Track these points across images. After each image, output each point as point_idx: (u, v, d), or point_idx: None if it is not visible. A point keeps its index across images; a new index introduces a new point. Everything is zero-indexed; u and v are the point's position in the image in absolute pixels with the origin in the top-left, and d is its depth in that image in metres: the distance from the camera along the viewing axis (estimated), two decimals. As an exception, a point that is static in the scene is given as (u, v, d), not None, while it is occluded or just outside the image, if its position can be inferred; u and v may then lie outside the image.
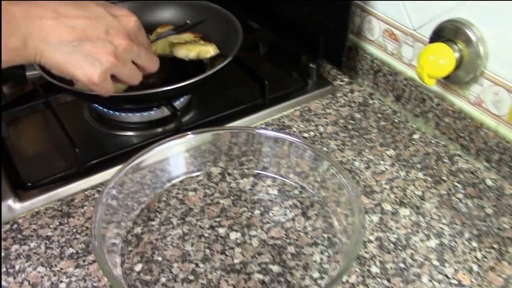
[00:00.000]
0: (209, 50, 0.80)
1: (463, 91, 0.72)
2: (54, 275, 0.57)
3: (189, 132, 0.66)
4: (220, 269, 0.58)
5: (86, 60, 0.57)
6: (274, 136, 0.68)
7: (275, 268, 0.58)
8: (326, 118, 0.80)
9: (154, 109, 0.75)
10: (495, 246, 0.60)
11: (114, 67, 0.59)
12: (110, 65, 0.59)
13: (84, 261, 0.59)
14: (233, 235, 0.62)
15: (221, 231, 0.62)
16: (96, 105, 0.77)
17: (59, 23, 0.56)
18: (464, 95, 0.72)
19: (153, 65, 0.66)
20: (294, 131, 0.77)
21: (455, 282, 0.57)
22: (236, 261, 0.59)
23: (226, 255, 0.59)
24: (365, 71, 0.85)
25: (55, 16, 0.56)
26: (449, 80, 0.72)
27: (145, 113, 0.75)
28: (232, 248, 0.60)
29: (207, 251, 0.60)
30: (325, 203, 0.65)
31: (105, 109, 0.76)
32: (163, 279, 0.57)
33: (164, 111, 0.76)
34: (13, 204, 0.64)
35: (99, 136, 0.76)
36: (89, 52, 0.57)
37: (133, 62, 0.63)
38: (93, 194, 0.67)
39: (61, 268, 0.58)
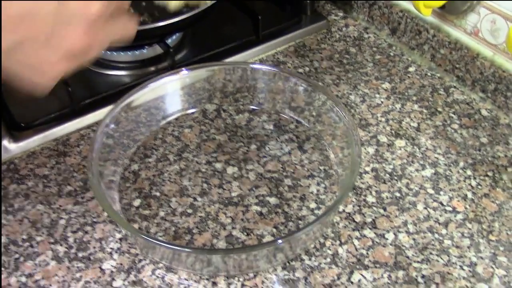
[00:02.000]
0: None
1: (459, 21, 0.70)
2: (54, 212, 0.58)
3: (183, 68, 0.65)
4: (218, 202, 0.58)
5: (26, 69, 0.40)
6: (269, 71, 0.67)
7: (272, 200, 0.58)
8: (321, 53, 0.79)
9: (146, 47, 0.74)
10: (490, 173, 0.61)
11: (68, 69, 0.42)
12: (62, 71, 0.42)
13: (82, 198, 0.59)
14: (230, 170, 0.62)
15: (218, 166, 0.62)
16: (87, 45, 0.75)
17: None
18: (460, 25, 0.71)
19: (128, 33, 0.46)
20: (289, 67, 0.76)
21: (450, 209, 0.57)
22: (233, 194, 0.59)
23: (224, 188, 0.60)
24: (360, 5, 0.84)
25: None
26: (445, 10, 0.70)
27: (137, 52, 0.74)
28: (229, 182, 0.60)
29: (205, 185, 0.60)
30: (321, 136, 0.65)
31: (96, 49, 0.74)
32: (162, 213, 0.57)
33: (157, 49, 0.74)
34: (8, 145, 0.64)
35: (91, 76, 0.74)
36: (30, 57, 0.39)
37: None
38: (88, 134, 0.67)
39: (60, 206, 0.59)
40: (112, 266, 0.53)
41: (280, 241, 0.49)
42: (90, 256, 0.54)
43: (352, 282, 0.51)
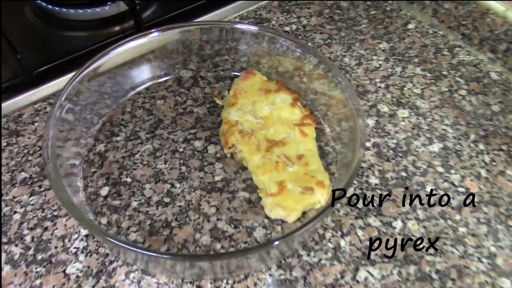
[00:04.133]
0: (319, 200, 0.48)
1: (467, -29, 0.62)
2: (6, 205, 0.49)
3: (153, 30, 0.56)
4: (199, 189, 0.50)
5: None
6: (251, 30, 0.59)
7: (262, 184, 0.51)
8: (309, 8, 0.70)
9: (109, 3, 0.65)
10: (504, 147, 0.55)
11: None
12: None
13: (40, 186, 0.51)
14: (212, 149, 0.54)
15: (198, 144, 0.54)
16: (40, 1, 0.65)
17: None
18: (468, -25, 0.62)
19: None
20: (274, 25, 0.67)
21: (463, 190, 0.51)
22: (217, 178, 0.51)
23: (205, 172, 0.52)
24: (352, -49, 0.74)
25: None
26: (452, -42, 0.62)
27: (97, 9, 0.65)
28: (212, 164, 0.52)
29: (183, 168, 0.52)
30: (313, 106, 0.57)
31: (49, 5, 0.65)
32: (134, 203, 0.49)
33: (121, 6, 0.65)
34: None
35: (46, 38, 0.65)
36: None
37: None
38: (44, 108, 0.58)
39: (14, 197, 0.50)
40: (78, 269, 0.45)
41: (276, 242, 0.41)
42: (51, 258, 0.46)
43: (357, 281, 0.45)
